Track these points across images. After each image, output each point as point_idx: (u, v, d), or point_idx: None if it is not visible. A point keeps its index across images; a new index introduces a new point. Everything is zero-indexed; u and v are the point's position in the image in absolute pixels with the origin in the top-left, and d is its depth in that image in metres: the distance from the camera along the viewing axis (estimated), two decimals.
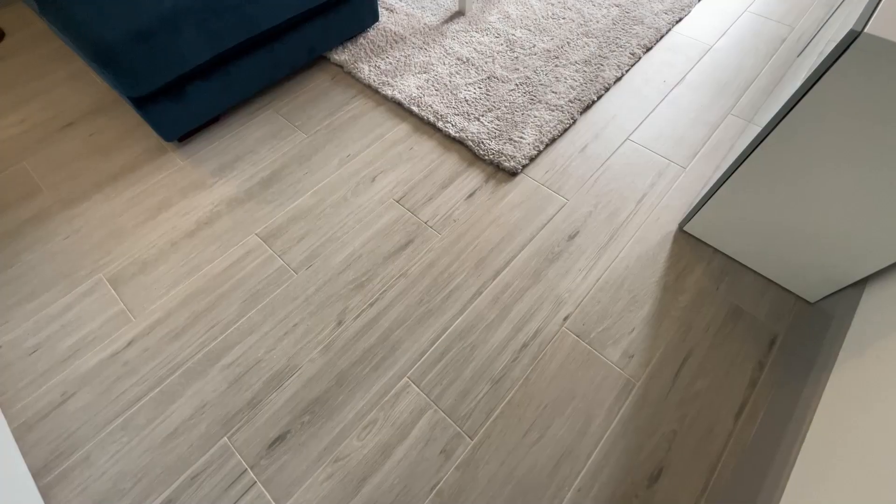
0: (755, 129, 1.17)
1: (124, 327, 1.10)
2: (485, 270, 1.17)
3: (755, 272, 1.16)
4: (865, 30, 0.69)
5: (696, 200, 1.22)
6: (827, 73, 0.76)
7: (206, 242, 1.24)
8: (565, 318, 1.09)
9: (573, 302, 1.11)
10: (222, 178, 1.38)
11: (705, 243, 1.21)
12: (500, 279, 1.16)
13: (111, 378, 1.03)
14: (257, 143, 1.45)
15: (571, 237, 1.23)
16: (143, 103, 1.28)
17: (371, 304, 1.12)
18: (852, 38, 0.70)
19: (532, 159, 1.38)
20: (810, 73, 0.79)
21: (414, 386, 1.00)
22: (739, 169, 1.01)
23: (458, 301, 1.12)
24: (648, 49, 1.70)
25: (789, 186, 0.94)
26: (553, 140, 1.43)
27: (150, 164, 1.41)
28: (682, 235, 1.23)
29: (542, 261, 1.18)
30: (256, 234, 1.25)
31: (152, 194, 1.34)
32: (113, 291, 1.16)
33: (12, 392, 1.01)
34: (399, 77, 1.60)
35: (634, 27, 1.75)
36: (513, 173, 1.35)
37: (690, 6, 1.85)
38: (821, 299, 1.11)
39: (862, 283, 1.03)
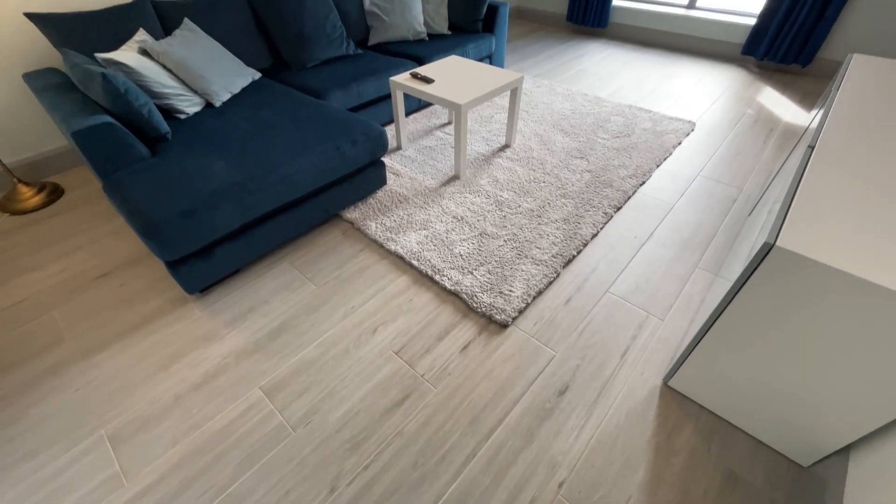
0: (722, 283, 1.31)
1: (115, 493, 1.09)
2: (479, 428, 1.20)
3: (744, 432, 1.18)
4: (777, 243, 0.86)
5: (677, 355, 1.30)
6: (751, 277, 0.91)
7: (211, 396, 1.29)
8: (560, 485, 1.08)
9: (567, 465, 1.12)
10: (235, 328, 1.48)
11: (691, 400, 1.25)
12: (494, 439, 1.18)
13: None
14: (271, 294, 1.60)
15: (562, 392, 1.28)
16: (174, 264, 1.46)
17: (366, 468, 1.12)
18: (766, 249, 0.87)
19: (521, 311, 1.51)
20: (739, 275, 0.94)
21: None
22: (710, 331, 1.11)
23: (452, 464, 1.13)
24: (619, 208, 1.96)
25: (756, 352, 1.03)
26: (540, 293, 1.57)
27: (170, 315, 1.54)
28: (668, 391, 1.28)
29: (534, 418, 1.22)
30: (260, 388, 1.31)
31: (168, 345, 1.44)
32: (111, 451, 1.17)
33: None
34: (402, 233, 1.82)
35: (605, 189, 2.04)
36: (504, 325, 1.46)
37: (651, 171, 2.19)
38: (814, 464, 1.12)
39: (846, 451, 1.05)
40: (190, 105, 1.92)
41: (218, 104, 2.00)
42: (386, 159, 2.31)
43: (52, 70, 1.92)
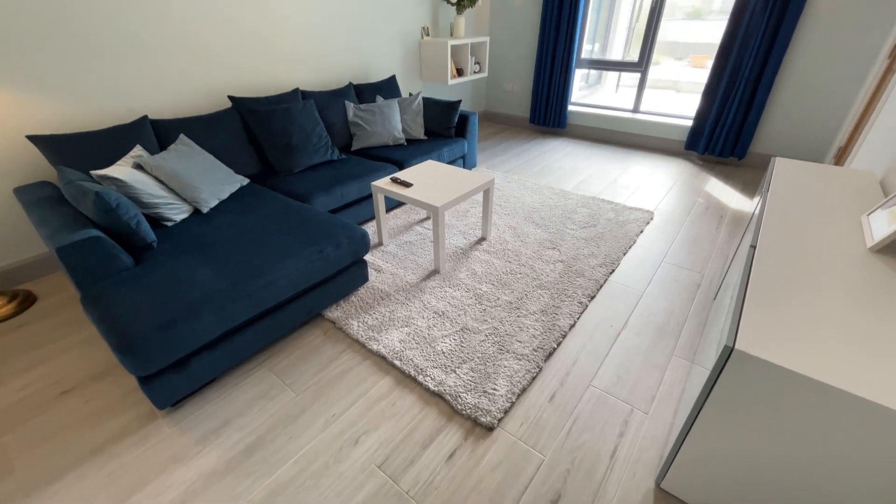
0: (699, 370, 1.34)
1: None
2: None
3: None
4: (736, 346, 0.92)
5: (666, 452, 1.28)
6: (720, 378, 0.96)
7: None
8: None
9: None
10: (207, 445, 1.40)
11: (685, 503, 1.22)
12: None
13: None
14: (247, 405, 1.53)
15: (554, 502, 1.22)
16: (147, 378, 1.41)
17: None
18: (728, 353, 0.93)
19: (506, 412, 1.49)
20: (709, 373, 0.99)
21: None
22: (692, 429, 1.11)
23: None
24: (592, 297, 2.05)
25: (741, 449, 1.03)
26: (524, 390, 1.57)
27: (137, 434, 1.44)
28: (662, 494, 1.24)
29: None
30: None
31: (130, 471, 1.33)
32: None
33: None
34: (384, 331, 1.83)
35: (578, 279, 2.15)
36: (490, 428, 1.43)
37: (619, 259, 2.33)
38: None
39: None
40: (178, 213, 2.00)
41: (206, 210, 2.09)
42: (368, 256, 2.39)
43: (43, 183, 2.00)
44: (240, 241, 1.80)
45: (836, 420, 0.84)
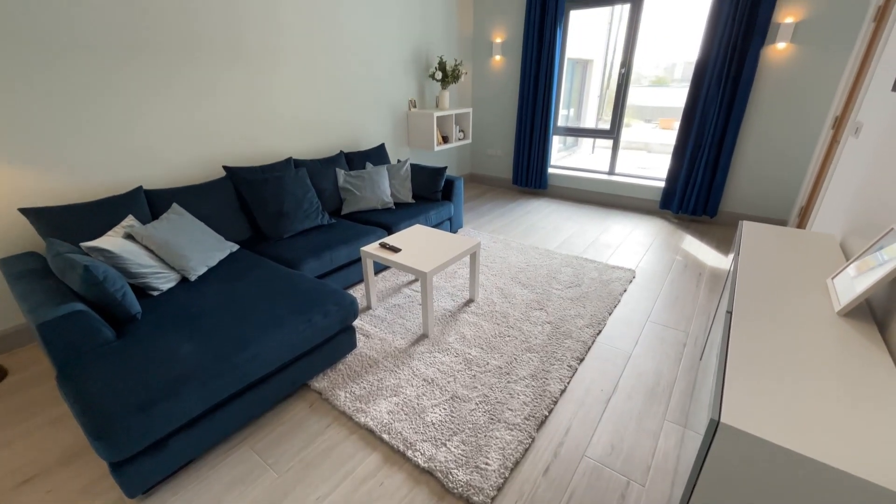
0: (692, 436, 1.32)
1: None
2: None
3: None
4: (721, 420, 0.93)
5: None
6: (710, 450, 0.97)
7: None
8: None
9: None
10: None
11: None
12: None
13: None
14: (224, 490, 1.44)
15: None
16: (119, 464, 1.32)
17: None
18: (714, 427, 0.94)
19: (499, 489, 1.42)
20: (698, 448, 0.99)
21: None
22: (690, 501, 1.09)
23: None
24: (581, 360, 2.05)
25: None
26: (517, 463, 1.52)
27: None
28: None
29: None
30: None
31: None
32: None
33: None
34: (372, 402, 1.78)
35: (566, 341, 2.16)
36: None
37: (605, 319, 2.37)
38: None
39: None
40: (165, 282, 2.00)
41: (193, 278, 2.09)
42: (356, 321, 2.38)
43: (30, 254, 1.99)
44: (226, 310, 1.79)
45: (823, 495, 0.84)
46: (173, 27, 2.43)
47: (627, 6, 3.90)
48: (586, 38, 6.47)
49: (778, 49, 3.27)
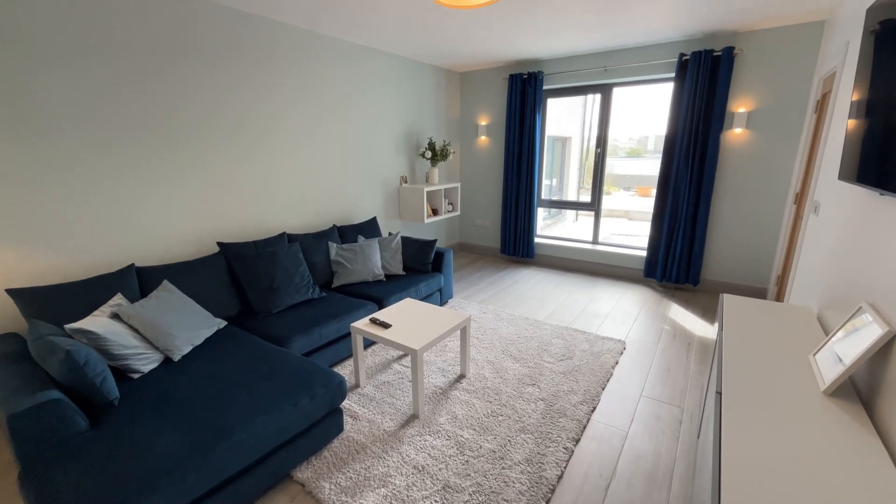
0: None
1: None
2: None
3: None
4: None
5: None
6: None
7: None
8: None
9: None
10: None
11: None
12: None
13: None
14: None
15: None
16: None
17: None
18: None
19: None
20: None
21: None
22: None
23: None
24: (577, 441, 1.98)
25: None
26: None
27: None
28: None
29: None
30: None
31: None
32: None
33: None
34: (358, 494, 1.67)
35: (560, 420, 2.10)
36: None
37: (598, 395, 2.33)
38: None
39: None
40: (147, 363, 1.94)
41: (177, 358, 2.03)
42: (344, 402, 2.30)
43: (10, 336, 1.94)
44: (208, 394, 1.73)
45: None
46: (171, 109, 2.59)
47: (598, 95, 4.34)
48: (564, 119, 7.08)
49: (736, 133, 3.61)
